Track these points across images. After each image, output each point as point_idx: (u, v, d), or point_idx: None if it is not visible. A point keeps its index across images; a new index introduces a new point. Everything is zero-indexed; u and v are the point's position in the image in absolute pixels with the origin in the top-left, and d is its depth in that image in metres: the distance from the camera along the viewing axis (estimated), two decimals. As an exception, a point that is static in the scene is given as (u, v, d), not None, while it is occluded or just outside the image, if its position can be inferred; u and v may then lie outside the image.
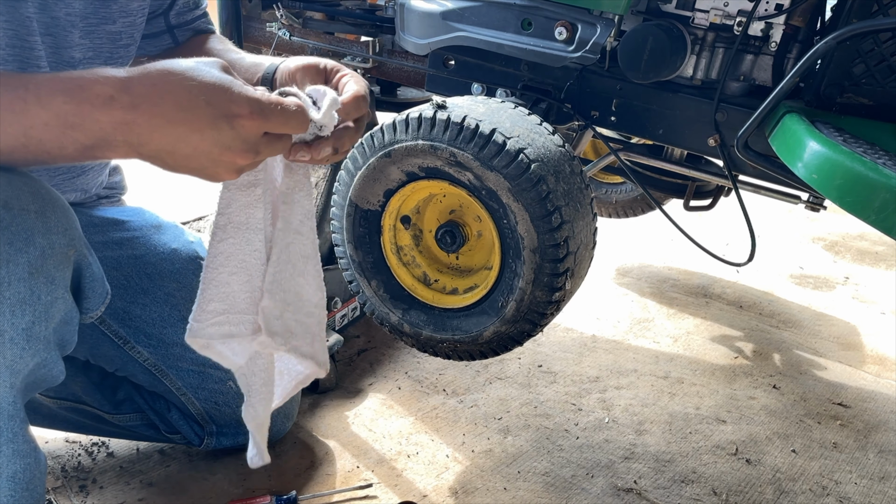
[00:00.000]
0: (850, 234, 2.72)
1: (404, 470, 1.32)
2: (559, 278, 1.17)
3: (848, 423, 1.56)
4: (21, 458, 0.81)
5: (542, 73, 1.47)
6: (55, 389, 1.26)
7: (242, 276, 0.88)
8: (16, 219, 0.75)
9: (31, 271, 0.77)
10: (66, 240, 0.81)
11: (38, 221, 0.77)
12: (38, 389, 0.86)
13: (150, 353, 1.20)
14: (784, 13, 1.22)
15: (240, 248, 0.87)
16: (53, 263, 0.79)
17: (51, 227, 0.79)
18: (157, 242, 1.23)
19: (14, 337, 0.77)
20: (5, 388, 0.78)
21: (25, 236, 0.76)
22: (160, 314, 1.19)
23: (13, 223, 0.75)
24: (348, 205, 1.29)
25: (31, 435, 0.84)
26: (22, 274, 0.76)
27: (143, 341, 1.19)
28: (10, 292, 0.75)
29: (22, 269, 0.76)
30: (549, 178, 1.14)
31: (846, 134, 1.07)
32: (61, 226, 0.80)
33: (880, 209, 0.91)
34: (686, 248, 2.39)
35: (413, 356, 1.70)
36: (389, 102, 1.91)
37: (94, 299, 0.91)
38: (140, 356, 1.20)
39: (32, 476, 0.83)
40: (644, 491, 1.31)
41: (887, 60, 1.13)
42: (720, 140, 1.32)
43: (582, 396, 1.58)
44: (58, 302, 0.81)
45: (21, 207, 0.76)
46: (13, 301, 0.76)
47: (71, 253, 0.82)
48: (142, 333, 1.19)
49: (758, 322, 2.00)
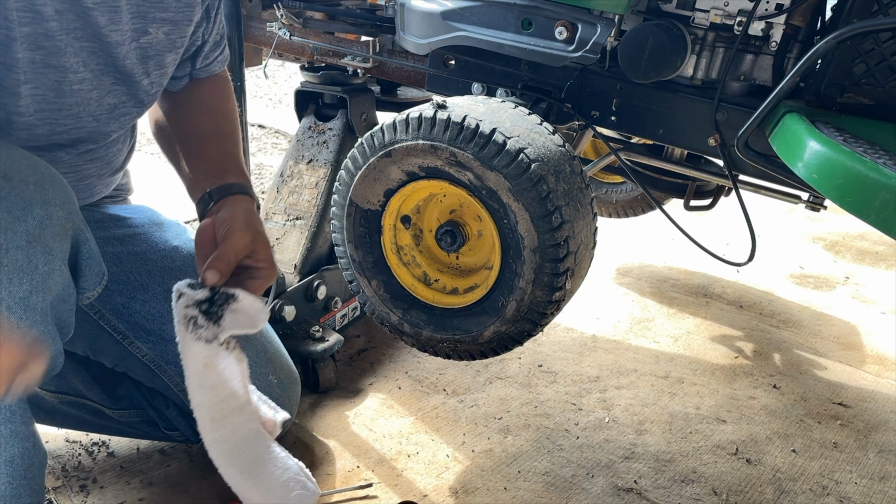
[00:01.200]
0: (850, 234, 2.72)
1: (404, 470, 1.32)
2: (559, 278, 1.17)
3: (848, 422, 1.56)
4: (20, 441, 0.80)
5: (542, 73, 1.47)
6: (56, 383, 1.27)
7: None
8: (14, 188, 0.76)
9: (28, 240, 0.76)
10: (65, 213, 0.81)
11: (36, 192, 0.78)
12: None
13: (149, 349, 1.20)
14: (784, 13, 1.22)
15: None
16: (51, 234, 0.79)
17: (49, 200, 0.79)
18: (158, 239, 1.24)
19: (11, 305, 0.76)
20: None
21: (24, 205, 0.76)
22: (159, 310, 1.20)
23: (12, 193, 0.75)
24: (348, 204, 1.29)
25: (31, 418, 0.83)
26: (20, 242, 0.76)
27: (142, 337, 1.20)
28: (7, 259, 0.75)
29: (20, 238, 0.76)
30: (550, 177, 1.15)
31: (846, 134, 1.07)
32: (59, 199, 0.81)
33: (880, 209, 0.91)
34: (686, 248, 2.39)
35: (413, 356, 1.70)
36: (389, 102, 1.91)
37: (91, 278, 0.91)
38: (139, 351, 1.20)
39: (31, 464, 0.82)
40: (644, 491, 1.31)
41: (887, 60, 1.13)
42: (720, 140, 1.32)
43: (582, 396, 1.58)
44: (55, 273, 0.81)
45: (20, 179, 0.76)
46: (10, 269, 0.75)
47: (69, 226, 0.82)
48: (141, 329, 1.19)
49: (758, 322, 2.00)
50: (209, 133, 1.18)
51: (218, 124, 1.20)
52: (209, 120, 1.20)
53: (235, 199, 1.07)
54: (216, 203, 1.07)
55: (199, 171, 1.12)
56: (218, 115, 1.22)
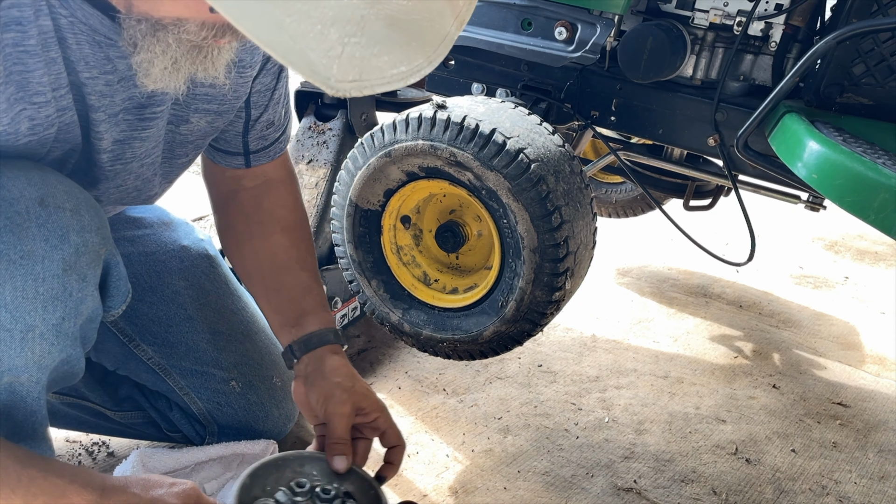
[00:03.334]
0: (850, 234, 2.72)
1: (404, 469, 1.32)
2: (559, 278, 1.17)
3: (848, 422, 1.56)
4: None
5: (542, 73, 1.47)
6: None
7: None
8: (52, 216, 0.77)
9: (64, 268, 0.78)
10: (99, 238, 0.83)
11: (73, 219, 0.79)
12: (60, 386, 0.87)
13: (155, 352, 1.20)
14: (784, 13, 1.22)
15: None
16: (86, 261, 0.81)
17: (85, 226, 0.81)
18: (167, 239, 1.24)
19: (44, 332, 0.78)
20: (31, 384, 0.79)
21: (61, 233, 0.78)
22: (166, 313, 1.20)
23: (49, 220, 0.77)
24: (348, 204, 1.29)
25: (49, 435, 0.84)
26: (56, 270, 0.78)
27: (148, 339, 1.20)
28: (43, 288, 0.77)
29: (56, 266, 0.78)
30: (549, 177, 1.15)
31: (846, 134, 1.07)
32: (94, 224, 0.82)
33: (880, 209, 0.91)
34: (686, 248, 2.39)
35: (413, 356, 1.70)
36: (389, 102, 1.91)
37: (118, 297, 0.93)
38: (144, 354, 1.20)
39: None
40: (644, 490, 1.31)
41: (887, 60, 1.13)
42: (720, 140, 1.32)
43: (582, 396, 1.58)
44: (87, 299, 0.83)
45: (56, 205, 0.78)
46: (46, 297, 0.77)
47: (102, 251, 0.84)
48: (147, 332, 1.19)
49: (757, 322, 2.00)
50: (285, 261, 1.14)
51: (294, 245, 1.16)
52: (284, 240, 1.15)
53: (320, 355, 1.06)
54: (299, 360, 1.07)
55: (277, 312, 1.12)
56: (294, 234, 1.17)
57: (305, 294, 1.12)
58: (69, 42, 0.76)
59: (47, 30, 0.74)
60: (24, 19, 0.71)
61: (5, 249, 0.74)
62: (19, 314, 0.76)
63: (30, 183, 0.77)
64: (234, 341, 1.23)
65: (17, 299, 0.75)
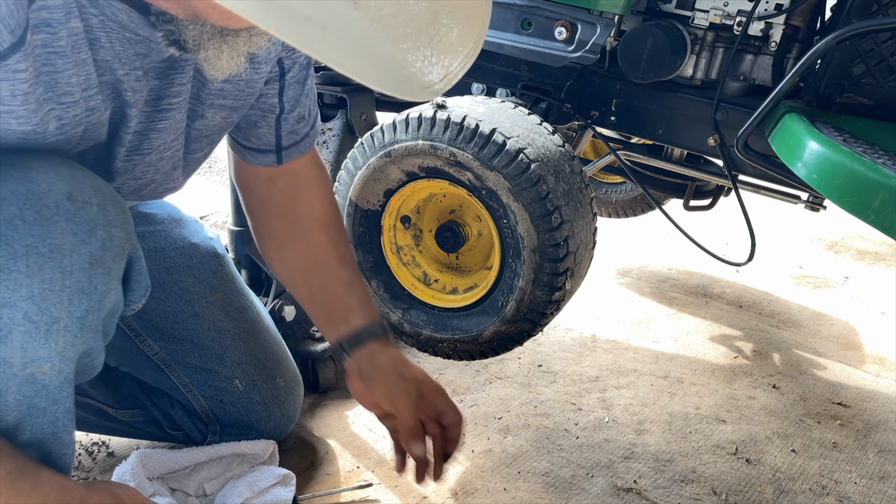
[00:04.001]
0: (850, 234, 2.72)
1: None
2: (559, 278, 1.17)
3: (848, 422, 1.56)
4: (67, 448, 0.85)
5: (542, 73, 1.47)
6: None
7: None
8: (79, 210, 0.79)
9: (91, 262, 0.80)
10: (124, 233, 0.84)
11: (99, 214, 0.81)
12: (79, 380, 0.88)
13: (160, 348, 1.21)
14: (784, 13, 1.22)
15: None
16: (112, 255, 0.82)
17: (111, 221, 0.82)
18: (177, 236, 1.24)
19: (69, 325, 0.79)
20: (54, 373, 0.80)
21: (88, 228, 0.79)
22: (174, 309, 1.20)
23: (77, 215, 0.78)
24: (348, 204, 1.29)
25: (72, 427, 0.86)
26: (83, 264, 0.79)
27: (154, 335, 1.20)
28: (70, 281, 0.78)
29: (83, 260, 0.79)
30: (549, 177, 1.15)
31: (846, 134, 1.07)
32: (119, 219, 0.84)
33: (880, 209, 0.91)
34: (686, 248, 2.39)
35: (413, 356, 1.70)
36: (389, 102, 1.90)
37: (139, 292, 0.94)
38: (150, 349, 1.21)
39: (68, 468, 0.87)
40: (644, 490, 1.31)
41: (887, 60, 1.13)
42: (720, 140, 1.32)
43: (582, 396, 1.58)
44: (111, 293, 0.84)
45: (84, 200, 0.79)
46: (72, 290, 0.79)
47: (127, 246, 0.86)
48: (154, 327, 1.20)
49: (757, 322, 2.00)
50: (325, 259, 1.16)
51: (332, 242, 1.17)
52: (323, 238, 1.16)
53: (372, 350, 1.10)
54: (351, 357, 1.11)
55: (322, 310, 1.16)
56: (331, 231, 1.18)
57: (348, 290, 1.14)
58: (102, 41, 0.77)
59: (77, 31, 0.75)
60: (53, 21, 0.72)
61: (34, 242, 0.75)
62: (45, 306, 0.77)
63: (59, 178, 0.78)
64: (238, 340, 1.23)
65: (45, 291, 0.76)
